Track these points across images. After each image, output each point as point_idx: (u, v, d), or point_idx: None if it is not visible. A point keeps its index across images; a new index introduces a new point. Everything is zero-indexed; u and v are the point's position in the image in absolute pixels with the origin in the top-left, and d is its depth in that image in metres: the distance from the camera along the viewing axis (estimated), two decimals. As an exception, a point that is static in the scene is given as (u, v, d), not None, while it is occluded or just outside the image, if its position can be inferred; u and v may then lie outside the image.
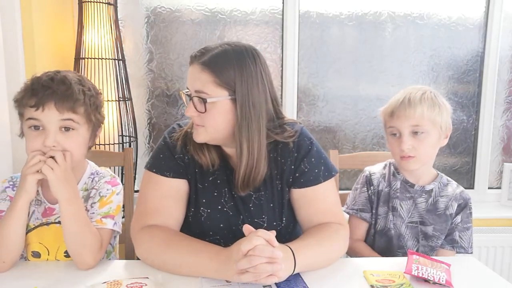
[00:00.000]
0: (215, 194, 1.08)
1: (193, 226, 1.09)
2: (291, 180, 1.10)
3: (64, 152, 0.99)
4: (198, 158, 1.08)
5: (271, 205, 1.09)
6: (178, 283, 0.93)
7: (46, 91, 0.98)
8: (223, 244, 1.04)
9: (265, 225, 1.08)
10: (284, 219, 1.11)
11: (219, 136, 1.04)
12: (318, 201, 1.09)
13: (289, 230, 1.13)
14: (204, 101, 0.99)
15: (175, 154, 1.09)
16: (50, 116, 0.98)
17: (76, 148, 1.02)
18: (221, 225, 1.08)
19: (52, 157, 0.97)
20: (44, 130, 0.99)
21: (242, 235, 0.92)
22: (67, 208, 0.98)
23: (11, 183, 1.09)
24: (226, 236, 1.08)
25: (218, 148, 1.10)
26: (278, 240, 0.90)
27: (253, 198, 1.08)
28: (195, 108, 1.01)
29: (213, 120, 1.01)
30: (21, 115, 1.02)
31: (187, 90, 1.05)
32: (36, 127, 0.99)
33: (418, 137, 1.20)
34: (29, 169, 0.96)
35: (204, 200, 1.08)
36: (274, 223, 1.09)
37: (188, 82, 1.04)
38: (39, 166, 0.96)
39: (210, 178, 1.09)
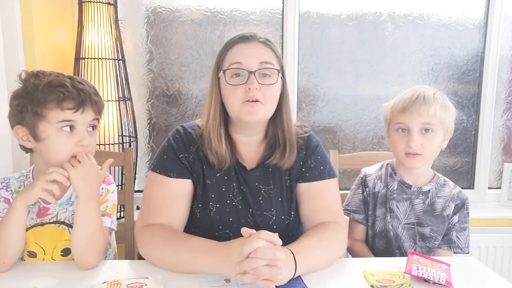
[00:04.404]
0: (223, 189, 1.10)
1: (202, 221, 1.10)
2: (298, 175, 1.14)
3: (86, 153, 1.03)
4: (212, 156, 1.09)
5: (280, 199, 1.12)
6: (178, 283, 0.93)
7: (84, 93, 1.01)
8: (233, 237, 1.05)
9: (274, 218, 1.10)
10: (292, 213, 1.13)
11: (270, 115, 1.09)
12: (320, 196, 1.12)
13: (296, 225, 1.15)
14: (278, 71, 1.07)
15: (179, 154, 1.10)
16: (87, 117, 1.03)
17: (95, 146, 1.09)
18: (231, 219, 1.09)
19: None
20: (74, 131, 1.02)
21: (251, 228, 0.93)
22: (83, 206, 1.00)
23: (4, 184, 1.09)
24: (236, 229, 1.07)
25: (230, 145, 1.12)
26: (285, 234, 0.90)
27: (262, 191, 1.11)
28: (265, 79, 1.05)
29: (275, 94, 1.07)
30: (42, 116, 0.99)
31: (234, 66, 1.04)
32: (69, 129, 1.01)
33: (427, 136, 1.20)
34: (42, 183, 0.97)
35: (213, 195, 1.10)
36: (283, 217, 1.11)
37: (243, 58, 1.04)
38: (50, 187, 0.97)
39: (218, 174, 1.11)
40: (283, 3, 2.06)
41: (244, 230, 0.91)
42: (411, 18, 2.12)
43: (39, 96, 0.98)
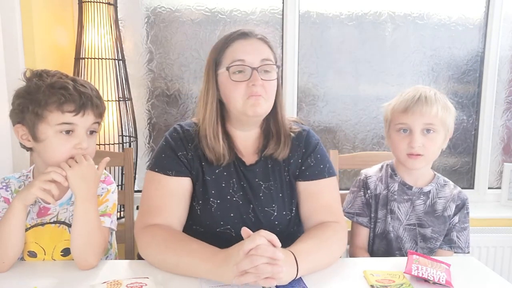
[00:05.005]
0: (223, 184, 1.11)
1: (203, 218, 1.10)
2: (297, 173, 1.14)
3: (84, 154, 1.03)
4: (210, 153, 1.09)
5: (280, 195, 1.12)
6: (178, 283, 0.93)
7: (85, 96, 1.01)
8: (234, 233, 1.07)
9: (276, 213, 1.10)
10: (293, 209, 1.13)
11: (270, 109, 1.11)
12: (320, 195, 1.13)
13: (297, 221, 1.15)
14: (278, 67, 1.10)
15: (177, 152, 1.10)
16: (87, 120, 1.03)
17: (95, 149, 1.09)
18: (232, 214, 1.09)
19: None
20: (73, 134, 1.01)
21: (252, 224, 0.95)
22: (80, 206, 1.00)
23: (4, 184, 1.09)
24: (237, 225, 1.08)
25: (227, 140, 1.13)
26: (287, 230, 0.89)
27: (263, 187, 1.11)
28: (266, 75, 1.07)
29: (274, 89, 1.10)
30: (42, 118, 0.99)
31: (238, 63, 1.05)
32: (68, 131, 1.01)
33: (429, 136, 1.20)
34: (40, 183, 0.97)
35: (213, 191, 1.10)
36: (284, 213, 1.12)
37: (246, 54, 1.06)
38: (48, 186, 0.97)
39: (217, 171, 1.11)
40: (283, 3, 2.06)
41: (244, 230, 0.91)
42: (411, 18, 2.12)
43: (40, 97, 0.98)
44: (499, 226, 2.03)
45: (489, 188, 2.24)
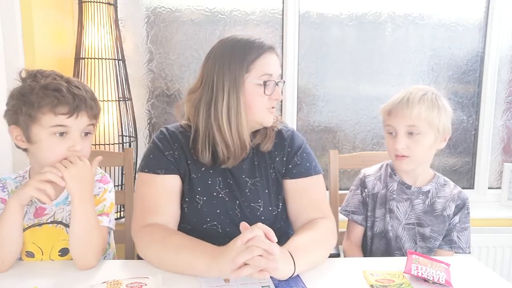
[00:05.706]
0: (209, 182, 1.12)
1: (190, 215, 1.12)
2: (283, 171, 1.16)
3: (79, 156, 1.02)
4: (235, 155, 1.10)
5: (266, 191, 1.14)
6: (178, 283, 0.93)
7: (79, 98, 1.00)
8: (221, 229, 1.10)
9: (262, 209, 1.12)
10: (280, 205, 1.15)
11: None
12: (308, 192, 1.15)
13: (283, 217, 1.17)
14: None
15: (164, 152, 1.12)
16: (81, 122, 1.02)
17: (89, 150, 1.08)
18: (218, 211, 1.11)
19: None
20: (67, 136, 1.01)
21: (239, 220, 0.96)
22: (78, 206, 1.00)
23: (0, 185, 1.09)
24: (223, 221, 1.11)
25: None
26: (274, 225, 0.93)
27: (249, 184, 1.13)
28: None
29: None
30: (36, 120, 0.99)
31: (267, 77, 1.09)
32: (62, 134, 1.01)
33: (413, 138, 1.19)
34: (36, 183, 0.97)
35: (199, 189, 1.11)
36: (270, 208, 1.13)
37: (274, 69, 1.11)
38: (43, 186, 0.96)
39: (203, 169, 1.13)
40: (283, 3, 2.06)
41: (243, 225, 0.92)
42: (411, 18, 2.12)
43: (33, 99, 0.98)
44: (499, 226, 2.04)
45: (489, 188, 2.24)
